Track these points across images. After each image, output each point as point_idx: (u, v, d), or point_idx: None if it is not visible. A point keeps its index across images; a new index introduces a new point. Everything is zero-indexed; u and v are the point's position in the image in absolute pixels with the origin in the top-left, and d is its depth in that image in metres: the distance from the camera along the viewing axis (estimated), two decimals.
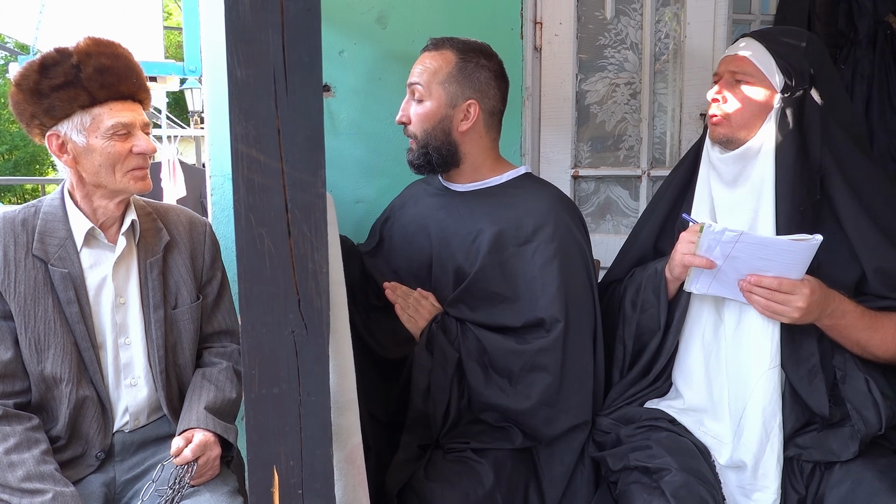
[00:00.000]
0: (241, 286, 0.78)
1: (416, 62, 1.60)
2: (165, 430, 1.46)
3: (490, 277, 1.55)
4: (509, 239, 1.55)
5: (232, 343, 1.58)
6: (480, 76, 1.56)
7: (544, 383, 1.49)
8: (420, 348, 1.56)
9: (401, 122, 1.61)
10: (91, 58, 1.32)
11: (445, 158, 1.59)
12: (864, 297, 1.37)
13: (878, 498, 1.23)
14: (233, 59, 0.74)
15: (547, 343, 1.49)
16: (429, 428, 1.53)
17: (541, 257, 1.52)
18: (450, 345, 1.55)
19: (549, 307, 1.50)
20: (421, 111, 1.57)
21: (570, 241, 1.55)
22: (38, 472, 1.25)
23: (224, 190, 1.93)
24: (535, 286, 1.52)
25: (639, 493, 1.34)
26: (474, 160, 1.62)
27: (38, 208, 1.40)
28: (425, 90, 1.55)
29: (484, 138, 1.61)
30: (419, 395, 1.53)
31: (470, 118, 1.56)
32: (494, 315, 1.55)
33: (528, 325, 1.53)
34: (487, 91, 1.58)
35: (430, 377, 1.53)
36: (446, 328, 1.57)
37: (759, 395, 1.35)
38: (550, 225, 1.54)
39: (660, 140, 2.31)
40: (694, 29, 2.22)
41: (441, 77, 1.55)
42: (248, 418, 0.81)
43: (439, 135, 1.57)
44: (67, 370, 1.35)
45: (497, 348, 1.53)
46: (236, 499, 1.36)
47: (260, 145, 0.75)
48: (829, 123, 1.37)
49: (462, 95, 1.55)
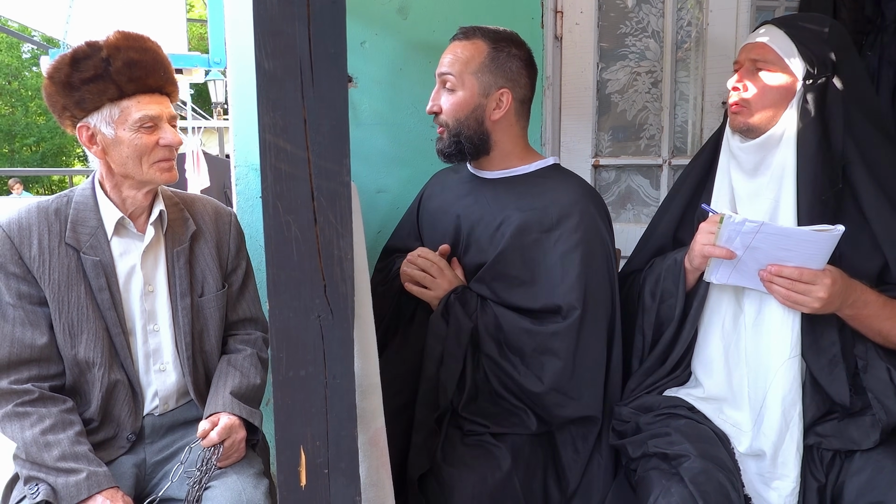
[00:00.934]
0: (269, 272, 0.80)
1: (446, 51, 1.60)
2: (193, 414, 1.50)
3: (510, 261, 1.57)
4: (533, 225, 1.57)
5: (256, 330, 1.62)
6: (512, 65, 1.58)
7: (555, 368, 1.50)
8: (436, 316, 1.59)
9: (432, 112, 1.62)
10: (120, 51, 1.35)
11: (477, 147, 1.60)
12: (887, 286, 1.36)
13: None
14: (260, 51, 0.76)
15: (561, 328, 1.51)
16: (440, 397, 1.54)
17: (563, 246, 1.54)
18: (466, 316, 1.57)
19: (568, 295, 1.51)
20: (453, 100, 1.58)
21: (594, 234, 1.56)
22: (72, 452, 1.30)
23: (248, 180, 1.96)
24: (555, 273, 1.53)
25: (657, 479, 1.35)
26: (504, 148, 1.63)
27: (70, 198, 1.44)
28: (457, 80, 1.57)
29: (514, 126, 1.63)
30: (433, 362, 1.55)
31: (502, 107, 1.58)
32: (512, 296, 1.57)
33: (545, 310, 1.54)
34: (519, 80, 1.59)
35: (444, 344, 1.55)
36: (465, 301, 1.59)
37: (779, 384, 1.35)
38: (576, 215, 1.55)
39: (681, 129, 2.30)
40: (716, 16, 2.20)
41: (474, 67, 1.56)
42: (276, 399, 0.84)
43: (472, 124, 1.58)
44: (100, 355, 1.39)
45: (512, 326, 1.55)
46: (262, 480, 1.40)
47: (287, 135, 0.77)
48: (851, 111, 1.35)
49: (495, 84, 1.57)
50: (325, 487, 0.86)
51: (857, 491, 1.28)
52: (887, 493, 1.24)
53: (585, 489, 1.54)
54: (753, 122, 1.41)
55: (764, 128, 1.40)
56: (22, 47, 18.51)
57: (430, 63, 2.03)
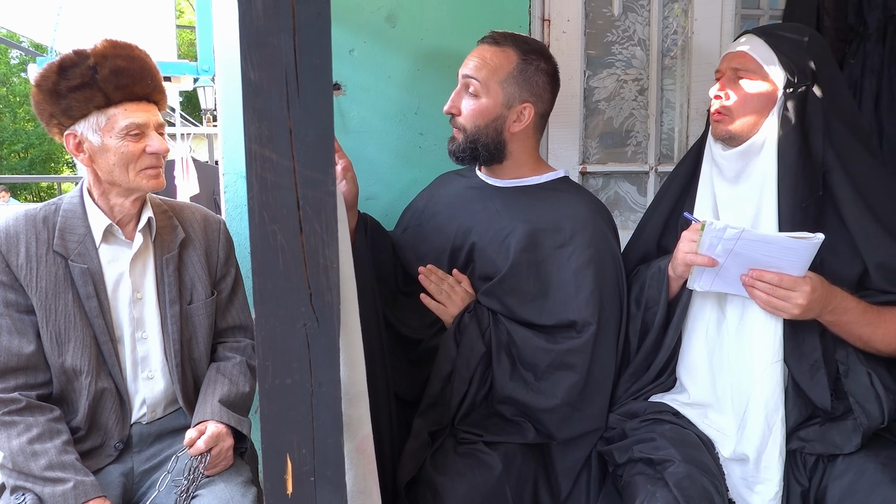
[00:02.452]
0: (255, 281, 0.81)
1: (473, 53, 1.58)
2: (181, 423, 1.50)
3: (524, 275, 1.56)
4: (546, 240, 1.56)
5: (245, 338, 1.62)
6: (539, 79, 1.57)
7: (570, 382, 1.50)
8: (448, 336, 1.58)
9: (449, 112, 1.61)
10: (107, 59, 1.35)
11: (492, 154, 1.60)
12: (867, 291, 1.38)
13: (879, 489, 1.24)
14: (246, 61, 0.77)
15: (577, 344, 1.51)
16: (443, 414, 1.55)
17: (576, 261, 1.54)
18: (479, 336, 1.56)
19: (583, 310, 1.51)
20: (475, 106, 1.56)
21: (606, 248, 1.56)
22: (59, 461, 1.29)
23: (237, 187, 1.97)
24: (569, 288, 1.53)
25: (643, 484, 1.36)
26: (518, 158, 1.63)
27: (58, 206, 1.44)
28: (482, 86, 1.55)
29: (531, 139, 1.63)
30: (439, 380, 1.55)
31: (523, 120, 1.57)
32: (525, 311, 1.57)
33: (559, 326, 1.54)
34: (543, 94, 1.58)
35: (453, 365, 1.55)
36: (479, 318, 1.59)
37: (761, 390, 1.36)
38: (588, 231, 1.55)
39: (667, 136, 2.32)
40: (701, 25, 2.23)
41: (501, 76, 1.54)
42: (262, 408, 0.85)
43: (490, 132, 1.57)
44: (87, 363, 1.38)
45: (526, 343, 1.54)
46: (250, 488, 1.40)
47: (273, 145, 0.78)
48: (831, 119, 1.37)
49: (519, 97, 1.56)
50: (312, 495, 0.87)
51: (840, 495, 1.30)
52: (869, 496, 1.25)
53: (576, 497, 1.55)
54: (735, 129, 1.43)
55: (745, 136, 1.42)
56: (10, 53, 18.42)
57: (419, 71, 2.05)
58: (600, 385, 1.54)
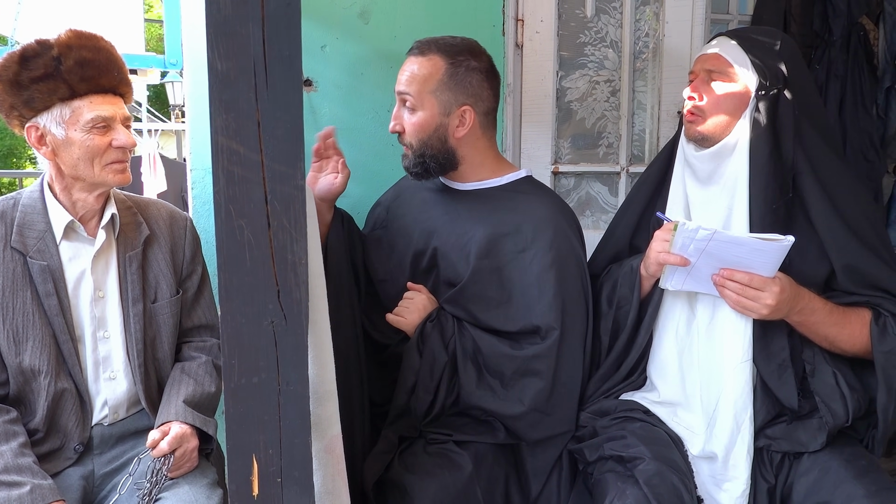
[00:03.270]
0: (221, 277, 0.79)
1: (403, 67, 1.56)
2: (144, 424, 1.47)
3: (486, 281, 1.54)
4: (507, 244, 1.54)
5: (212, 338, 1.59)
6: (472, 79, 1.53)
7: (536, 388, 1.49)
8: (411, 346, 1.55)
9: (395, 132, 1.58)
10: (72, 50, 1.31)
11: (443, 164, 1.57)
12: (833, 292, 1.41)
13: (844, 485, 1.27)
14: (213, 51, 0.75)
15: (541, 350, 1.50)
16: (410, 425, 1.54)
17: (538, 265, 1.52)
18: (442, 347, 1.54)
19: (546, 315, 1.50)
20: (415, 121, 1.53)
21: (568, 250, 1.54)
22: (15, 464, 1.25)
23: (205, 184, 1.93)
24: (532, 293, 1.52)
25: (613, 481, 1.36)
26: (473, 161, 1.60)
27: (16, 200, 1.39)
28: (416, 100, 1.52)
29: (481, 139, 1.59)
30: (405, 391, 1.53)
31: (465, 124, 1.54)
32: (489, 318, 1.55)
33: (523, 332, 1.53)
34: (481, 93, 1.55)
35: (416, 376, 1.53)
36: (443, 326, 1.56)
37: (731, 389, 1.38)
38: (549, 232, 1.53)
39: (639, 137, 2.34)
40: (673, 28, 2.25)
41: (431, 86, 1.51)
42: (228, 407, 0.82)
43: (435, 143, 1.54)
44: (46, 363, 1.34)
45: (491, 350, 1.53)
46: (216, 490, 1.37)
47: (240, 137, 0.76)
48: (801, 123, 1.39)
49: (455, 102, 1.52)
50: (279, 497, 0.85)
51: (805, 492, 1.32)
52: (833, 492, 1.28)
53: (547, 496, 1.54)
54: (707, 130, 1.44)
55: (718, 137, 1.43)
56: None
57: (392, 68, 2.02)
58: (567, 389, 1.53)
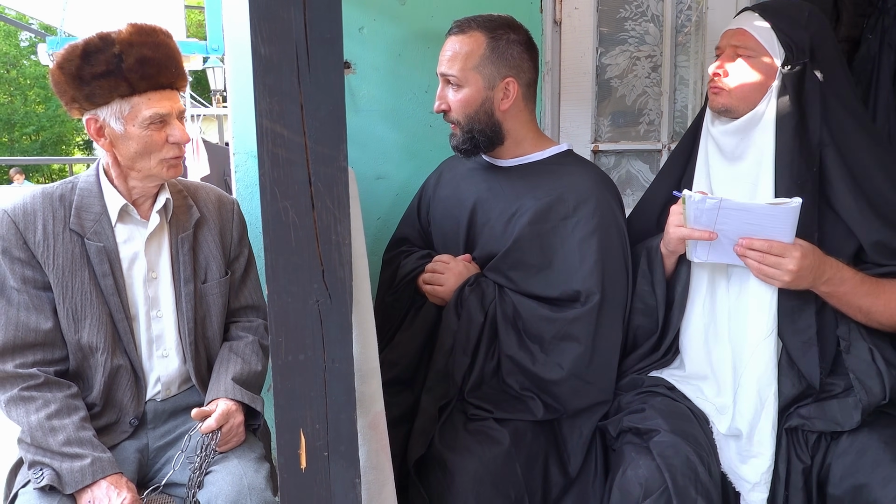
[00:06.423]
0: (268, 257, 0.81)
1: (444, 48, 1.59)
2: (195, 400, 1.51)
3: (527, 248, 1.57)
4: (551, 213, 1.57)
5: (258, 318, 1.63)
6: (513, 52, 1.56)
7: (575, 353, 1.51)
8: (449, 309, 1.59)
9: (440, 111, 1.62)
10: (133, 48, 1.33)
11: (491, 139, 1.61)
12: (864, 265, 1.37)
13: (882, 467, 1.24)
14: (256, 36, 0.76)
15: (581, 313, 1.52)
16: (449, 388, 1.56)
17: (580, 232, 1.54)
18: (481, 309, 1.57)
19: (586, 280, 1.52)
20: (461, 97, 1.57)
21: (610, 219, 1.56)
22: (77, 437, 1.31)
23: (248, 167, 1.97)
24: (573, 259, 1.54)
25: (629, 452, 1.37)
26: (517, 135, 1.63)
27: (74, 184, 1.44)
28: (461, 76, 1.55)
29: (524, 112, 1.63)
30: (443, 354, 1.57)
31: (510, 96, 1.58)
32: (530, 284, 1.58)
33: (563, 297, 1.55)
34: (522, 64, 1.58)
35: (454, 338, 1.56)
36: (483, 291, 1.60)
37: (755, 364, 1.36)
38: (592, 201, 1.55)
39: (681, 113, 2.29)
40: (716, 0, 2.19)
41: (474, 61, 1.55)
42: (276, 384, 0.85)
43: (482, 117, 1.58)
44: (103, 340, 1.40)
45: (531, 314, 1.56)
46: (263, 464, 1.41)
47: (284, 120, 0.78)
48: (828, 98, 1.36)
49: (499, 75, 1.56)
50: (325, 470, 0.88)
51: (842, 472, 1.30)
52: (870, 474, 1.25)
53: (585, 474, 1.55)
54: (732, 104, 1.42)
55: (743, 110, 1.41)
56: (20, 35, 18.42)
57: (429, 49, 2.03)
58: (606, 358, 1.55)
